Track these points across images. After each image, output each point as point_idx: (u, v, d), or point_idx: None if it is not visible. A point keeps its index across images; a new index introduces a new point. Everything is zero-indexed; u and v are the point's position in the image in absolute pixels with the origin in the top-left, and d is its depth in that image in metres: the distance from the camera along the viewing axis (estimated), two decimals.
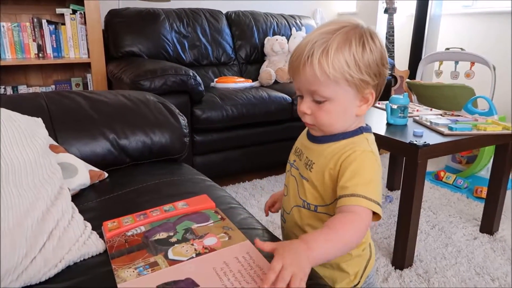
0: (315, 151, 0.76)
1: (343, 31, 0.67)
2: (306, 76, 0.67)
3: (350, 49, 0.65)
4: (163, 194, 0.96)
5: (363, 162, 0.69)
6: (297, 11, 3.28)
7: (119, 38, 2.40)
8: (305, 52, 0.66)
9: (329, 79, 0.66)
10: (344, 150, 0.71)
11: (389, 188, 2.19)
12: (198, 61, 2.65)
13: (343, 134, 0.73)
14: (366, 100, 0.71)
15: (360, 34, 0.67)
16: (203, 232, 0.73)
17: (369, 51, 0.67)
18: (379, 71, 0.69)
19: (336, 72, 0.65)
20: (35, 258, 0.65)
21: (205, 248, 0.68)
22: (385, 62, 0.70)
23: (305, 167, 0.77)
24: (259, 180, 2.28)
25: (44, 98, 1.12)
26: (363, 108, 0.72)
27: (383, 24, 3.23)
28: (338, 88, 0.67)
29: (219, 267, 0.62)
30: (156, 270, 0.62)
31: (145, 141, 1.18)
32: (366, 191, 0.66)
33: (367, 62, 0.67)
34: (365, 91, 0.69)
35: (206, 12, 2.74)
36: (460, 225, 1.79)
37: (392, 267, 1.46)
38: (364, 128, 0.75)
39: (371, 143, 0.73)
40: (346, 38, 0.66)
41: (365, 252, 0.82)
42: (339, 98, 0.68)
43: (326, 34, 0.66)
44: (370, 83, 0.68)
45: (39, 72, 2.49)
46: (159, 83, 1.82)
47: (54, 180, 0.76)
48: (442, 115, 1.74)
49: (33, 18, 2.28)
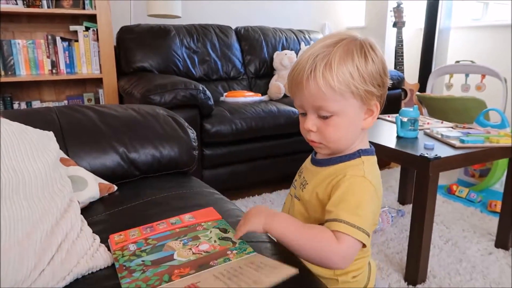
0: (312, 172, 0.76)
1: (344, 43, 0.66)
2: (310, 91, 0.66)
3: (353, 61, 0.65)
4: (171, 207, 0.96)
5: (352, 187, 0.67)
6: (306, 26, 3.31)
7: (130, 54, 2.44)
8: (307, 67, 0.65)
9: (334, 93, 0.65)
10: (336, 174, 0.70)
11: (401, 202, 2.16)
12: (208, 75, 2.67)
13: (340, 157, 0.72)
14: (371, 112, 0.70)
15: (360, 46, 0.67)
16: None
17: (371, 62, 0.66)
18: (382, 81, 0.69)
19: (341, 84, 0.64)
20: (44, 271, 0.65)
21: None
22: (387, 72, 0.70)
23: (299, 186, 0.77)
24: (268, 194, 2.27)
25: (56, 112, 1.14)
26: (368, 121, 0.71)
27: (392, 37, 3.24)
28: (344, 101, 0.66)
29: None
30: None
31: (154, 154, 1.19)
32: (350, 217, 0.65)
33: (371, 73, 0.66)
34: (371, 103, 0.69)
35: (216, 28, 2.78)
36: (474, 240, 1.75)
37: (405, 283, 1.43)
38: (363, 151, 0.73)
39: (368, 167, 0.71)
40: (347, 50, 0.65)
41: (358, 279, 0.80)
42: (346, 112, 0.67)
43: (327, 48, 0.66)
44: (375, 93, 0.68)
45: (52, 87, 2.54)
46: (169, 98, 1.84)
47: (64, 193, 0.77)
48: (453, 128, 1.72)
49: (48, 35, 2.34)
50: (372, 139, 1.56)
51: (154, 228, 0.80)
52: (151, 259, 0.69)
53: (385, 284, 1.42)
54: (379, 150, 1.48)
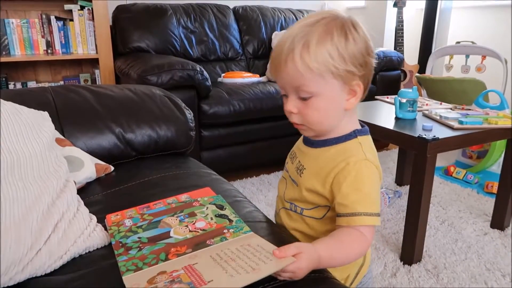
0: (308, 155, 0.74)
1: (323, 22, 0.64)
2: (289, 72, 0.64)
3: (332, 40, 0.62)
4: (169, 187, 0.96)
5: (359, 174, 0.66)
6: (305, 6, 3.25)
7: (126, 33, 2.41)
8: (285, 48, 0.64)
9: (313, 73, 0.63)
10: (337, 161, 0.68)
11: (398, 183, 2.17)
12: (206, 56, 2.64)
13: (336, 138, 0.70)
14: (354, 92, 0.67)
15: (341, 25, 0.64)
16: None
17: (352, 41, 0.63)
18: (365, 61, 0.66)
19: (319, 65, 0.62)
20: (40, 250, 0.65)
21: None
22: (371, 52, 0.67)
23: (296, 171, 0.75)
24: (266, 175, 2.27)
25: (51, 92, 1.13)
26: (351, 102, 0.68)
27: (393, 18, 3.19)
28: (324, 81, 0.64)
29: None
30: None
31: (151, 135, 1.18)
32: (366, 206, 0.65)
33: (352, 52, 0.64)
34: (352, 83, 0.66)
35: (213, 7, 2.73)
36: (470, 220, 1.76)
37: (401, 263, 1.45)
38: (358, 131, 0.71)
39: (366, 148, 0.70)
40: (327, 29, 0.63)
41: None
42: (325, 92, 0.65)
43: (305, 27, 0.63)
44: (357, 73, 0.65)
45: (48, 68, 2.51)
46: (166, 78, 1.82)
47: (60, 173, 0.77)
48: (452, 109, 1.72)
49: (42, 14, 2.30)
50: (371, 120, 1.55)
51: (150, 208, 0.80)
52: (147, 236, 0.69)
53: (381, 263, 1.44)
54: (377, 131, 1.49)
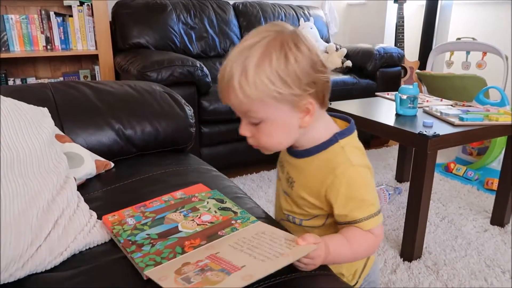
0: (294, 167, 0.72)
1: (262, 43, 0.59)
2: (232, 101, 0.62)
3: (270, 64, 0.58)
4: (168, 184, 0.96)
5: (350, 183, 0.65)
6: (305, 2, 3.24)
7: (126, 29, 2.40)
8: (226, 75, 0.60)
9: (254, 102, 0.60)
10: (324, 174, 0.66)
11: (398, 179, 2.17)
12: (206, 52, 2.63)
13: (316, 147, 0.68)
14: (307, 110, 0.63)
15: (281, 44, 0.59)
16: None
17: (293, 62, 0.58)
18: (313, 80, 0.61)
19: (260, 93, 0.58)
20: (40, 247, 0.65)
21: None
22: (319, 67, 0.61)
23: (286, 182, 0.74)
24: (266, 172, 2.27)
25: (50, 88, 1.12)
26: (306, 120, 0.64)
27: (393, 14, 3.18)
28: (268, 108, 0.60)
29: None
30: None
31: (150, 131, 1.18)
32: (364, 211, 0.66)
33: (294, 74, 0.59)
34: (301, 103, 0.61)
35: (213, 3, 2.72)
36: (470, 217, 1.76)
37: (401, 259, 1.45)
38: (339, 134, 0.68)
39: (351, 151, 0.67)
40: (265, 51, 0.58)
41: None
42: (274, 118, 0.62)
43: (244, 51, 0.59)
44: (303, 94, 0.61)
45: (48, 64, 2.50)
46: (166, 74, 1.82)
47: (60, 169, 0.77)
48: (453, 106, 1.71)
49: (41, 10, 2.29)
50: (371, 116, 1.55)
51: (147, 207, 0.80)
52: (156, 232, 0.69)
53: (381, 260, 1.44)
54: (377, 128, 1.48)
